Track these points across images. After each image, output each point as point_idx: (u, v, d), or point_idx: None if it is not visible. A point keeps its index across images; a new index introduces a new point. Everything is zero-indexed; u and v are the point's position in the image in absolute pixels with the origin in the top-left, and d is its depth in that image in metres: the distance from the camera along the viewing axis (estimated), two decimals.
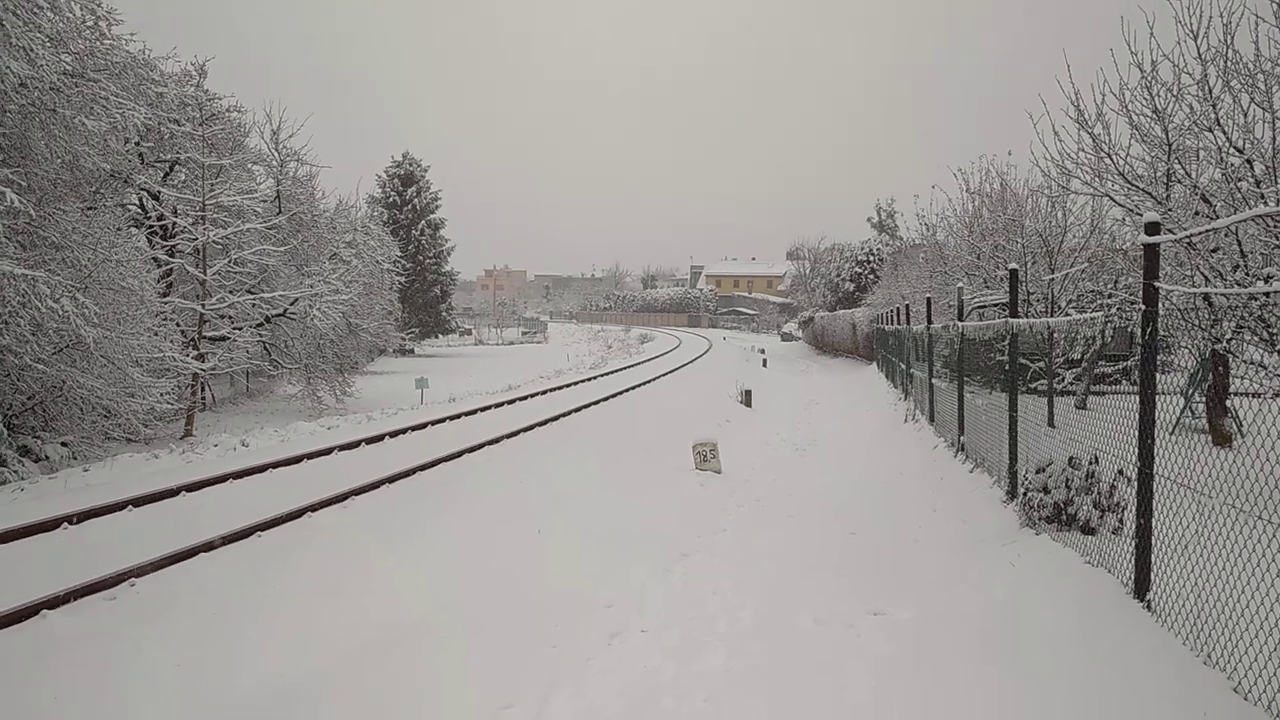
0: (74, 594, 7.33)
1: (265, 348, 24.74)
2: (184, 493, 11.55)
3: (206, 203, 21.35)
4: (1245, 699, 4.05)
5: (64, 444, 15.77)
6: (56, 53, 14.89)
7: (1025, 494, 7.62)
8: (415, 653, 6.19)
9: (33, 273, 13.46)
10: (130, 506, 10.68)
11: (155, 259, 20.94)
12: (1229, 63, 9.24)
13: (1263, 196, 9.06)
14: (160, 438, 18.34)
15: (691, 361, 42.29)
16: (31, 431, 15.86)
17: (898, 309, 23.47)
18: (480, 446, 15.29)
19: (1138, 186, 10.92)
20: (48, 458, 15.06)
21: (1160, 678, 4.47)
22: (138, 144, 20.17)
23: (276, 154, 26.35)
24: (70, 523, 9.86)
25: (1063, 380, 15.42)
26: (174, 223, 22.04)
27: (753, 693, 5.25)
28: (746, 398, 23.26)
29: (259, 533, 9.45)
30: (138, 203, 22.41)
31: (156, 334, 17.55)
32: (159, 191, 21.76)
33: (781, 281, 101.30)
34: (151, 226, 22.22)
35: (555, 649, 6.14)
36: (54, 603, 7.14)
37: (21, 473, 14.02)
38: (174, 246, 22.19)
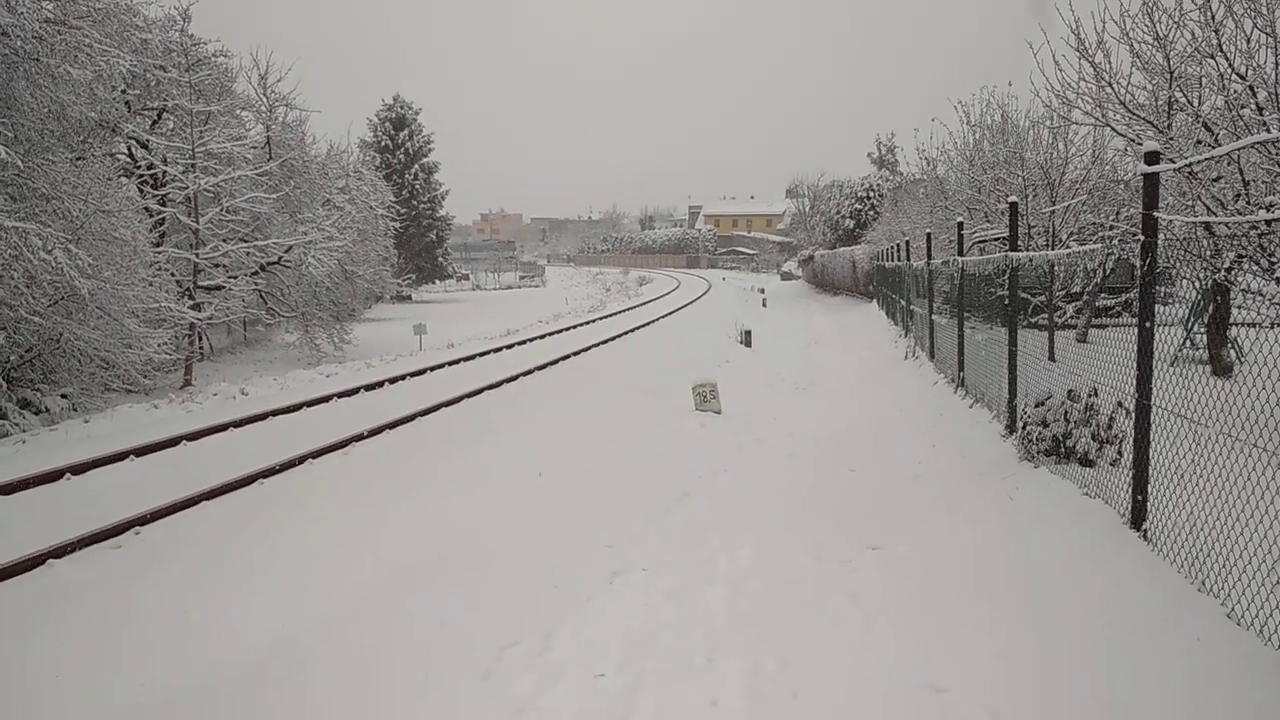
0: (79, 543, 7.39)
1: (261, 296, 24.62)
2: (185, 442, 11.59)
3: (196, 150, 21.08)
4: (1238, 624, 4.09)
5: (63, 396, 15.78)
6: (38, 0, 14.58)
7: (1024, 428, 7.62)
8: (419, 596, 6.25)
9: (24, 225, 13.34)
10: (132, 456, 10.73)
11: (147, 209, 20.74)
12: None
13: (1265, 123, 8.92)
14: (159, 388, 18.35)
15: (691, 303, 42.23)
16: (31, 384, 15.86)
17: (898, 245, 23.30)
18: (480, 391, 15.32)
19: (1139, 116, 10.76)
20: (48, 410, 15.08)
21: (1156, 605, 4.51)
22: (124, 92, 19.85)
23: (265, 99, 25.95)
24: (73, 473, 9.91)
25: (1063, 314, 15.37)
26: (164, 171, 21.79)
27: (752, 629, 5.31)
28: (746, 338, 23.22)
29: (261, 480, 9.50)
30: (126, 152, 22.12)
31: (151, 284, 17.47)
32: (147, 140, 21.47)
33: (781, 220, 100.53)
34: (141, 176, 21.98)
35: (557, 589, 6.20)
36: (59, 552, 7.21)
37: (23, 425, 14.06)
38: (165, 195, 21.96)
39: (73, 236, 14.74)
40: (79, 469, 10.04)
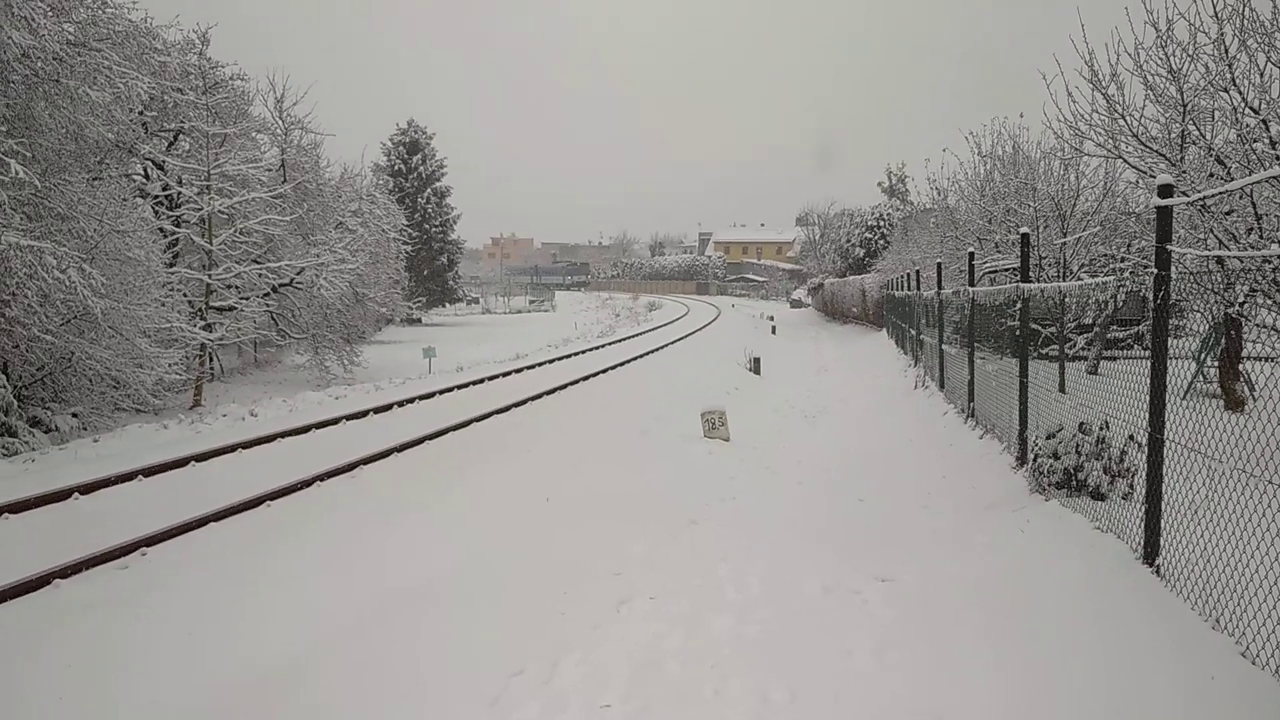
0: (85, 563, 7.38)
1: (272, 318, 24.70)
2: (193, 463, 11.60)
3: (211, 172, 21.24)
4: (1253, 663, 4.03)
5: (74, 415, 15.82)
6: (59, 22, 14.76)
7: (1035, 460, 7.58)
8: (424, 621, 6.22)
9: (39, 244, 13.43)
10: (140, 476, 10.74)
11: (161, 229, 20.87)
12: (1245, 21, 9.06)
13: (1278, 157, 8.92)
14: (169, 408, 18.39)
15: (700, 329, 42.24)
16: (41, 403, 15.92)
17: (908, 274, 23.32)
18: (488, 415, 15.31)
19: (1152, 148, 10.76)
20: (58, 429, 15.11)
21: (1168, 642, 4.45)
22: (141, 113, 20.03)
23: (280, 122, 26.14)
24: (81, 493, 9.92)
25: (1074, 345, 15.32)
26: (179, 192, 21.95)
27: (759, 659, 5.26)
28: (755, 365, 23.21)
29: (268, 502, 9.49)
30: (142, 172, 22.30)
31: (163, 304, 17.54)
32: (164, 161, 21.65)
33: (791, 248, 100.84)
34: (157, 196, 22.13)
35: (564, 616, 6.16)
36: (65, 572, 7.20)
37: (32, 443, 14.08)
38: (179, 216, 22.11)
39: (87, 256, 14.84)
40: (87, 489, 10.05)
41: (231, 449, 12.43)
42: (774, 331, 40.04)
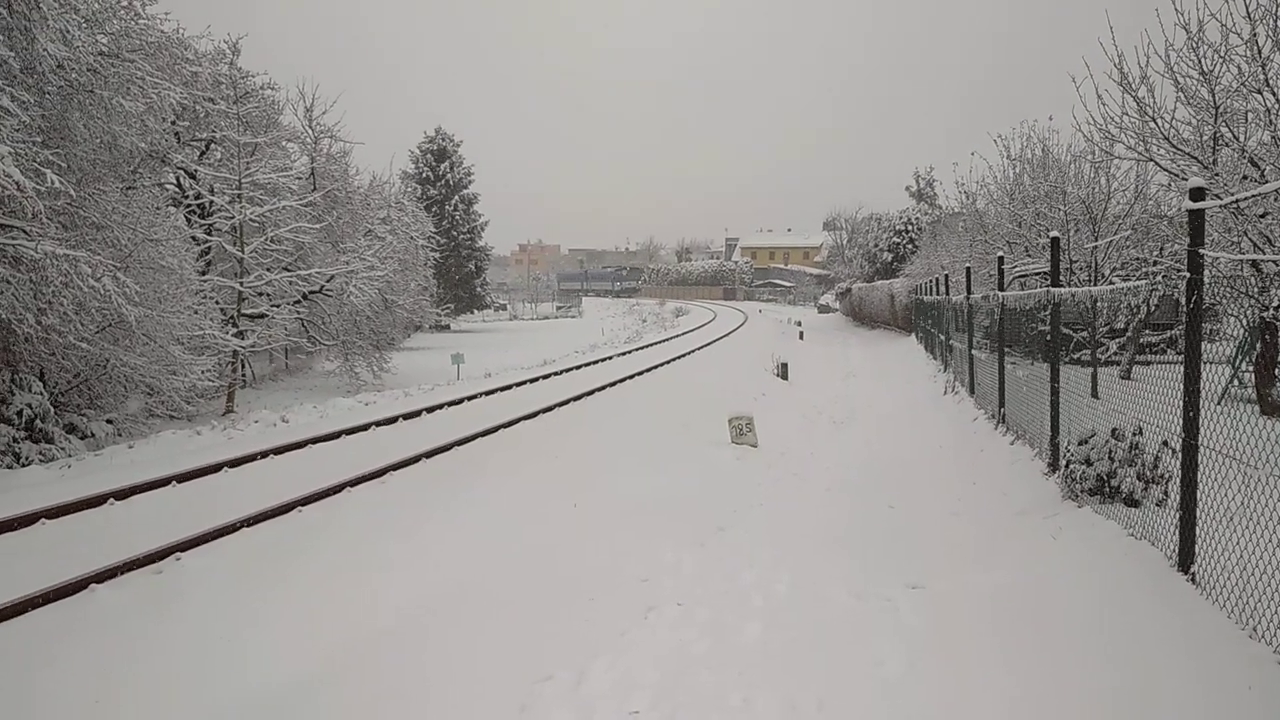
0: (121, 569, 7.48)
1: (303, 325, 24.95)
2: (226, 469, 11.73)
3: (242, 180, 21.51)
4: None
5: (109, 421, 16.06)
6: (92, 34, 15.00)
7: (1067, 466, 7.50)
8: (451, 626, 6.25)
9: (74, 253, 13.64)
10: (174, 482, 10.87)
11: (194, 237, 21.14)
12: (1279, 21, 8.94)
13: None
14: (202, 414, 18.62)
15: (727, 335, 42.17)
16: (77, 409, 16.17)
17: (937, 279, 23.16)
18: (516, 421, 15.37)
19: (1183, 151, 10.64)
20: (93, 435, 15.34)
21: (1204, 652, 4.39)
22: (174, 123, 20.30)
23: (310, 131, 26.40)
24: (117, 498, 10.05)
25: (1107, 350, 15.15)
26: (211, 201, 22.24)
27: (788, 667, 5.24)
28: (783, 371, 23.14)
29: (299, 508, 9.57)
30: (175, 182, 22.61)
31: (196, 312, 17.77)
32: (196, 170, 21.95)
33: (818, 252, 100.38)
34: (189, 205, 22.44)
35: (591, 623, 6.17)
36: (101, 577, 7.29)
37: (69, 450, 14.30)
38: (212, 225, 22.39)
39: (121, 264, 15.04)
40: (122, 494, 10.19)
41: (263, 455, 12.55)
42: (801, 337, 39.90)
